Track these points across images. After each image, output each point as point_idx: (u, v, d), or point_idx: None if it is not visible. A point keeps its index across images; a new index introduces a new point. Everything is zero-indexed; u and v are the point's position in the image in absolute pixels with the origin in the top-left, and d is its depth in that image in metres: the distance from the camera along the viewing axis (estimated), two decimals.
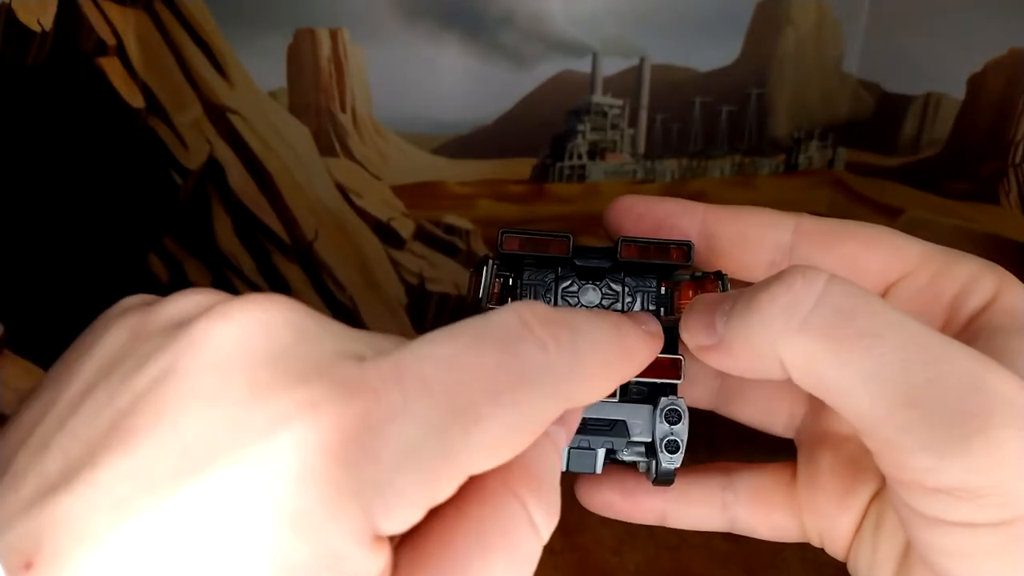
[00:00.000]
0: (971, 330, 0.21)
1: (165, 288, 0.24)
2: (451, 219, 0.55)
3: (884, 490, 0.24)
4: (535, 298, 0.24)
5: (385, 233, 0.55)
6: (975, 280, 0.21)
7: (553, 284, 0.24)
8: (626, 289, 0.24)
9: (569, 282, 0.24)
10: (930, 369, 0.17)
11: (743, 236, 0.23)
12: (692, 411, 0.24)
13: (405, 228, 0.55)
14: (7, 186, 0.37)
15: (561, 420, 0.18)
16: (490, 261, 0.23)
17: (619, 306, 0.24)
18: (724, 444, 0.27)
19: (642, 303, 0.24)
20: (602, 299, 0.24)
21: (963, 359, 0.18)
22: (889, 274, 0.22)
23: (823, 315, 0.18)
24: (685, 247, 0.23)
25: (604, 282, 0.24)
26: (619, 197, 0.24)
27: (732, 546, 0.40)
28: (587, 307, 0.24)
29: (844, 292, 0.18)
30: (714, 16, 0.52)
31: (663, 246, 0.23)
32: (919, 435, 0.17)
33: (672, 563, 0.31)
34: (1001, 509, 0.17)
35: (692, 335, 0.21)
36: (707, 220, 0.24)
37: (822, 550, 0.26)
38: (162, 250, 0.51)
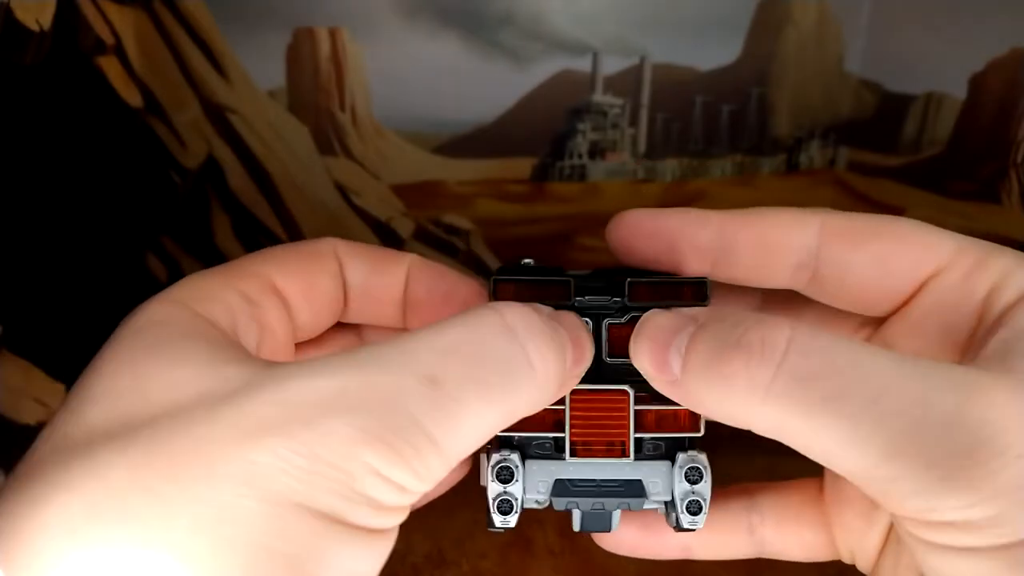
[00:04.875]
0: (1002, 325, 0.20)
1: (163, 287, 0.23)
2: (451, 219, 0.55)
3: None
4: None
5: (384, 233, 0.54)
6: (1010, 274, 0.20)
7: None
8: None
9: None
10: (906, 416, 0.17)
11: (764, 242, 0.22)
12: None
13: (404, 228, 0.55)
14: (5, 186, 0.37)
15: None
16: None
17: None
18: (724, 449, 0.27)
19: None
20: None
21: (941, 395, 0.17)
22: (921, 271, 0.21)
23: (784, 384, 0.17)
24: (700, 285, 0.21)
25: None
26: (622, 213, 0.23)
27: None
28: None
29: (803, 352, 0.17)
30: (715, 15, 0.52)
31: (676, 286, 0.21)
32: (909, 483, 0.17)
33: (673, 563, 0.31)
34: (1001, 535, 0.17)
35: (642, 364, 0.20)
36: (724, 228, 0.22)
37: None
38: (160, 249, 0.51)
